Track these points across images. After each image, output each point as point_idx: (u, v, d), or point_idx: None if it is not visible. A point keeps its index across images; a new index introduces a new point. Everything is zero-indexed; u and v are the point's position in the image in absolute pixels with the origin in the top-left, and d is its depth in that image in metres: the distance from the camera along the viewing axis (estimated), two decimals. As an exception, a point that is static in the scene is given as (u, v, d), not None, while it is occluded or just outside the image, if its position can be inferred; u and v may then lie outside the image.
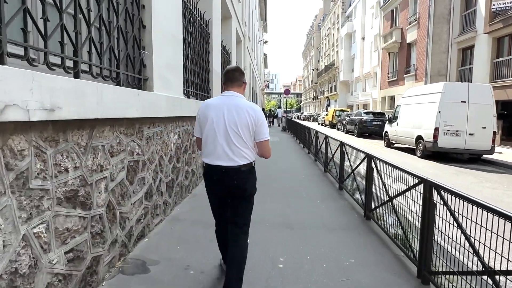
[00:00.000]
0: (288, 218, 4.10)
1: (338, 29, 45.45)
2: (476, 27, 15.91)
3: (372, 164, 4.10)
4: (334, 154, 6.38)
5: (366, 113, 19.31)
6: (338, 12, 45.71)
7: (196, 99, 5.87)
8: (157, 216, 3.66)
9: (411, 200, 3.03)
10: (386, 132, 14.08)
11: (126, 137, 2.83)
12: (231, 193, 2.26)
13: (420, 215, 2.73)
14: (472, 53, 16.67)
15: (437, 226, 2.53)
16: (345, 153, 5.56)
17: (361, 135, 18.78)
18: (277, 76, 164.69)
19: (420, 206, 2.72)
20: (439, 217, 2.50)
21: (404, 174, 3.16)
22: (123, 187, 2.79)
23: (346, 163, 5.48)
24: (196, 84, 5.94)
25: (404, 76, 22.40)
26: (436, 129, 10.06)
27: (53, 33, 1.97)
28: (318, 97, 59.96)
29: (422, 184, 2.72)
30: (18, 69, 1.57)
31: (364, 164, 4.44)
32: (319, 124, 34.67)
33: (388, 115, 14.63)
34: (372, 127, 18.12)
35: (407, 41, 22.17)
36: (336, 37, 47.09)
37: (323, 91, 54.85)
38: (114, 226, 2.66)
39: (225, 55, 9.67)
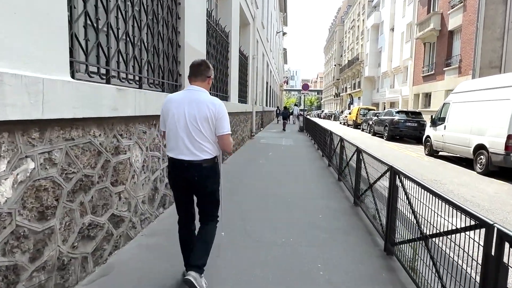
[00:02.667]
0: None
1: (363, 20, 41.95)
2: (545, 5, 12.69)
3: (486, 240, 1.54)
4: (374, 183, 3.79)
5: (398, 112, 16.38)
6: (364, 2, 42.17)
7: (140, 86, 3.44)
8: None
9: None
10: (428, 136, 11.22)
11: None
12: (193, 188, 2.28)
13: None
14: (537, 39, 13.45)
15: None
16: (400, 188, 2.98)
17: (392, 137, 15.91)
18: (297, 73, 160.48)
19: None
20: None
21: None
22: None
23: (398, 192, 2.91)
24: (138, 61, 3.51)
25: (444, 69, 19.12)
26: (510, 137, 7.22)
27: None
28: (340, 94, 56.43)
29: None
30: None
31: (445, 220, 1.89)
32: (341, 123, 31.63)
33: (431, 116, 11.70)
34: (405, 129, 15.41)
35: (449, 28, 18.87)
36: (361, 29, 43.58)
37: (346, 87, 51.34)
38: None
39: (219, 33, 7.19)
